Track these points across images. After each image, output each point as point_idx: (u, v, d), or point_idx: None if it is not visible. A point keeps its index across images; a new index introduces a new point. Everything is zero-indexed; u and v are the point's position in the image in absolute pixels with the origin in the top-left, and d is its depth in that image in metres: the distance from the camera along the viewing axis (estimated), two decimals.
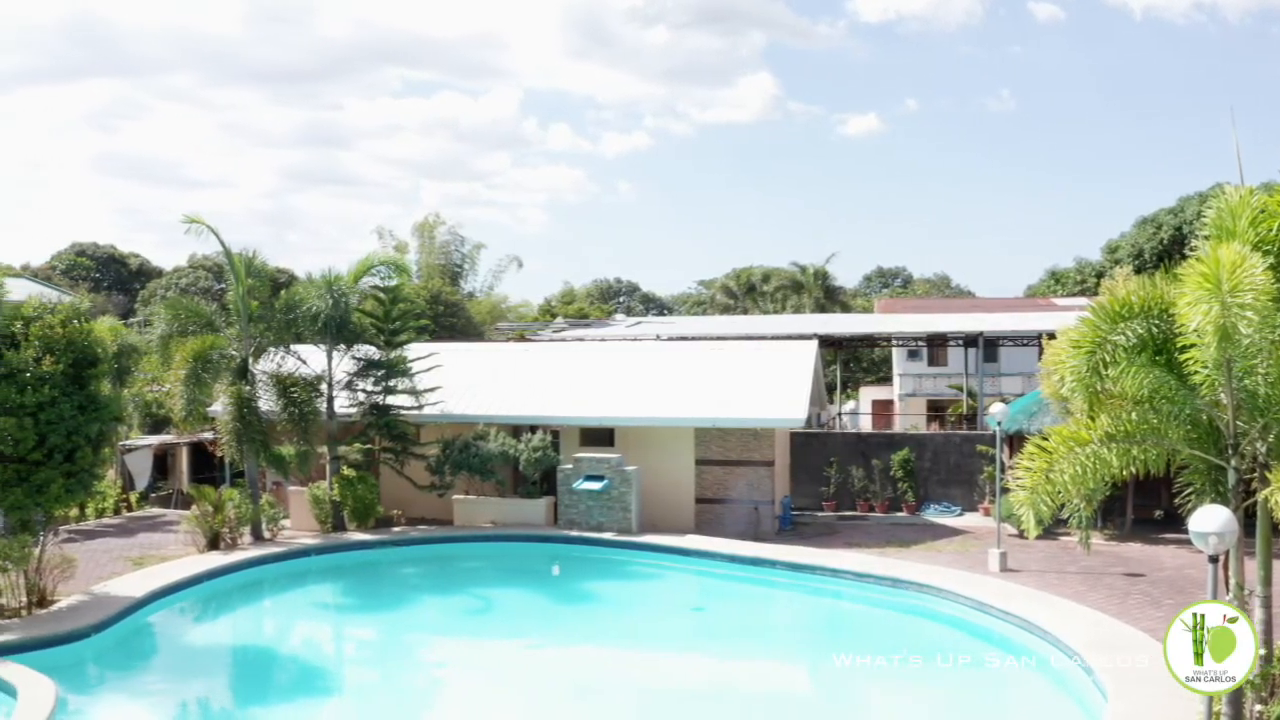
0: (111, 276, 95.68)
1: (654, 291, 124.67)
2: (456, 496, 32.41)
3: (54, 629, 21.01)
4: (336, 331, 31.22)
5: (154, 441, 39.80)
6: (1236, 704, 13.67)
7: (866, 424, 60.70)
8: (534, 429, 32.64)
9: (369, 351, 32.67)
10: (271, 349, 31.29)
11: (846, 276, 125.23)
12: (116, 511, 35.75)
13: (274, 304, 31.33)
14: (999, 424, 26.85)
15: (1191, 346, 13.31)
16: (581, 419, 32.64)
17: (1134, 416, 14.29)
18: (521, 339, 49.91)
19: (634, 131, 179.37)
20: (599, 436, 32.86)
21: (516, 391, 34.15)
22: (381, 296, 33.29)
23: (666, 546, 29.28)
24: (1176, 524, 26.24)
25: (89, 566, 26.21)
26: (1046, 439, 14.50)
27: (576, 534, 30.53)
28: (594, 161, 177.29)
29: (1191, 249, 14.44)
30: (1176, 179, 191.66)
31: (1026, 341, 46.75)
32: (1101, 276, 57.66)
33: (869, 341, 56.26)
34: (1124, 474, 14.31)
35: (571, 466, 31.18)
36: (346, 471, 31.63)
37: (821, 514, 34.68)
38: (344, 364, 32.65)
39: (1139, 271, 34.57)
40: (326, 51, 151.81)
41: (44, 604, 22.43)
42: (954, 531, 31.12)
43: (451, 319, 56.71)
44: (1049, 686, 18.86)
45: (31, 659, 18.88)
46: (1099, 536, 28.60)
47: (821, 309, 78.34)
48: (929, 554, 27.64)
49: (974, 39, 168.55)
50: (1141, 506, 30.43)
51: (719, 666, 21.60)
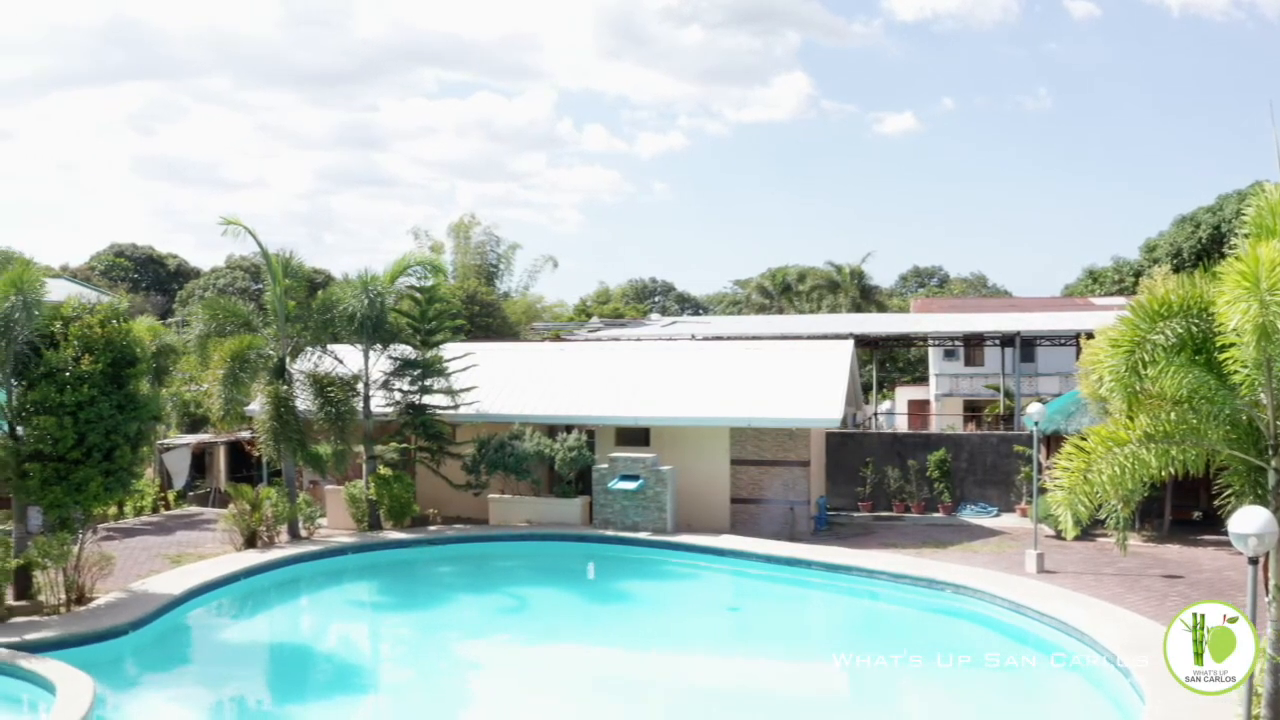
0: (150, 277, 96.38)
1: (689, 291, 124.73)
2: (492, 496, 32.49)
3: (92, 626, 21.16)
4: (373, 331, 31.34)
5: (192, 440, 40.09)
6: (1276, 706, 13.55)
7: (902, 424, 60.48)
8: (569, 428, 32.68)
9: (405, 351, 32.79)
10: (308, 349, 31.45)
11: (882, 276, 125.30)
12: (154, 510, 36.00)
13: (311, 304, 31.48)
14: (1036, 424, 26.71)
15: (1231, 346, 13.18)
16: (617, 418, 32.66)
17: (1173, 416, 14.17)
18: (557, 339, 49.98)
19: (669, 132, 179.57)
20: (634, 436, 32.87)
21: (552, 391, 34.21)
22: (417, 296, 33.41)
23: (701, 546, 29.24)
24: (1215, 525, 25.99)
25: (127, 564, 26.42)
26: (1085, 439, 14.40)
27: (611, 533, 30.54)
28: (629, 162, 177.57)
29: (1230, 247, 14.33)
30: (1215, 177, 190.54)
31: (1064, 341, 46.45)
32: (1139, 276, 57.29)
33: (905, 341, 56.08)
34: (1163, 475, 14.19)
35: (607, 466, 31.20)
36: (383, 470, 31.75)
37: (857, 514, 34.60)
38: (380, 364, 32.78)
39: (1177, 271, 34.38)
40: (362, 53, 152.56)
41: (82, 601, 22.60)
42: (990, 532, 30.97)
43: (487, 319, 56.84)
44: (1086, 688, 18.76)
45: (70, 656, 19.04)
46: (1137, 538, 28.42)
47: (857, 309, 78.18)
48: (965, 555, 27.52)
49: (1010, 37, 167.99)
50: (1180, 508, 30.25)
51: (754, 667, 21.56)
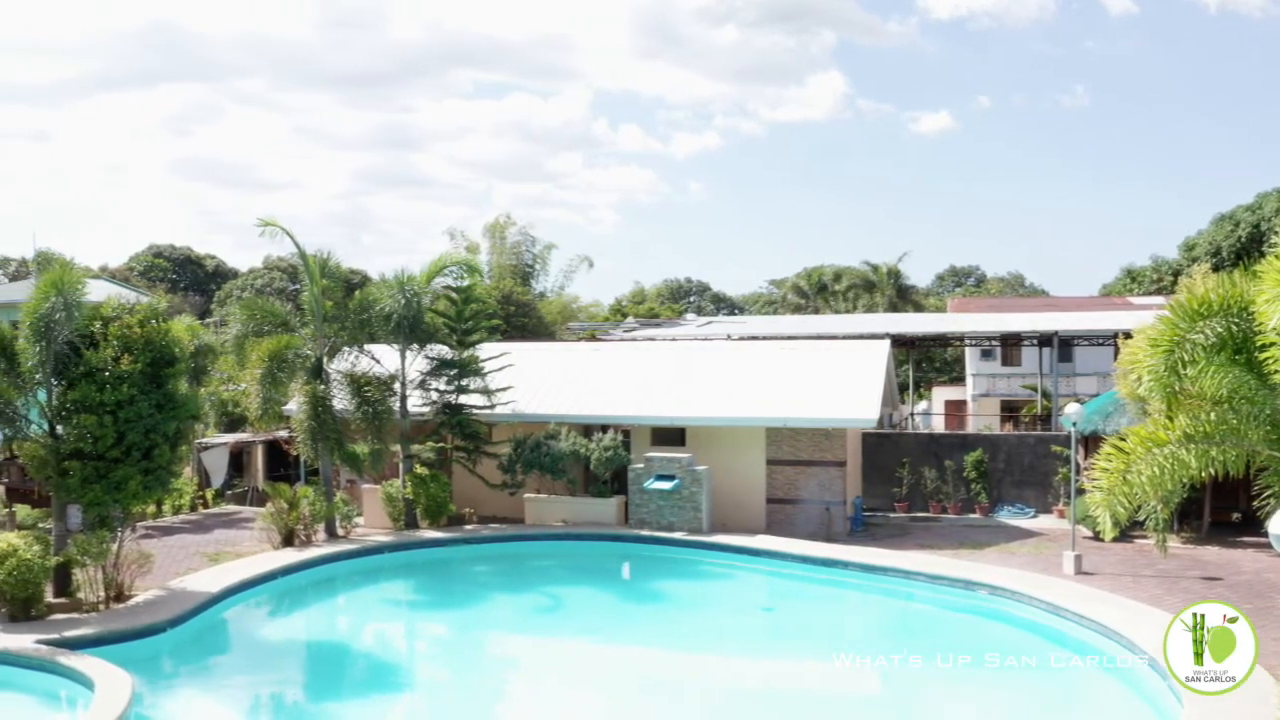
0: (188, 277, 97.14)
1: (725, 291, 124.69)
2: (528, 495, 32.55)
3: (131, 623, 21.32)
4: (409, 331, 31.45)
5: (230, 439, 40.31)
6: None
7: (939, 424, 60.21)
8: (605, 428, 32.69)
9: (442, 351, 32.89)
10: (345, 349, 31.56)
11: (919, 275, 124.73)
12: (193, 508, 36.23)
13: (348, 304, 31.59)
14: (1074, 425, 26.56)
15: (1271, 345, 13.07)
16: (652, 418, 32.66)
17: (1213, 417, 14.07)
18: (592, 339, 50.04)
19: (704, 131, 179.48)
20: (670, 436, 32.86)
21: (587, 391, 34.25)
22: (454, 297, 33.49)
23: (737, 546, 29.20)
24: (1255, 527, 25.88)
25: (165, 562, 26.59)
26: (1124, 439, 14.32)
27: (647, 533, 30.54)
28: (665, 162, 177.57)
29: (1270, 245, 14.23)
30: (1254, 175, 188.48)
31: (1102, 341, 46.17)
32: (1178, 275, 56.91)
33: (941, 341, 55.87)
34: (1202, 476, 14.10)
35: (642, 466, 31.20)
36: (419, 470, 31.86)
37: (894, 515, 34.48)
38: (417, 363, 32.89)
39: (1217, 270, 34.07)
40: (398, 55, 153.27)
41: (121, 599, 22.77)
42: (1028, 534, 30.80)
43: (523, 319, 56.92)
44: (1124, 691, 18.63)
45: (108, 652, 19.20)
46: (1175, 540, 28.18)
47: (894, 308, 77.93)
48: (1003, 556, 27.37)
49: (1047, 35, 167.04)
50: (1219, 509, 29.98)
51: (788, 667, 21.52)
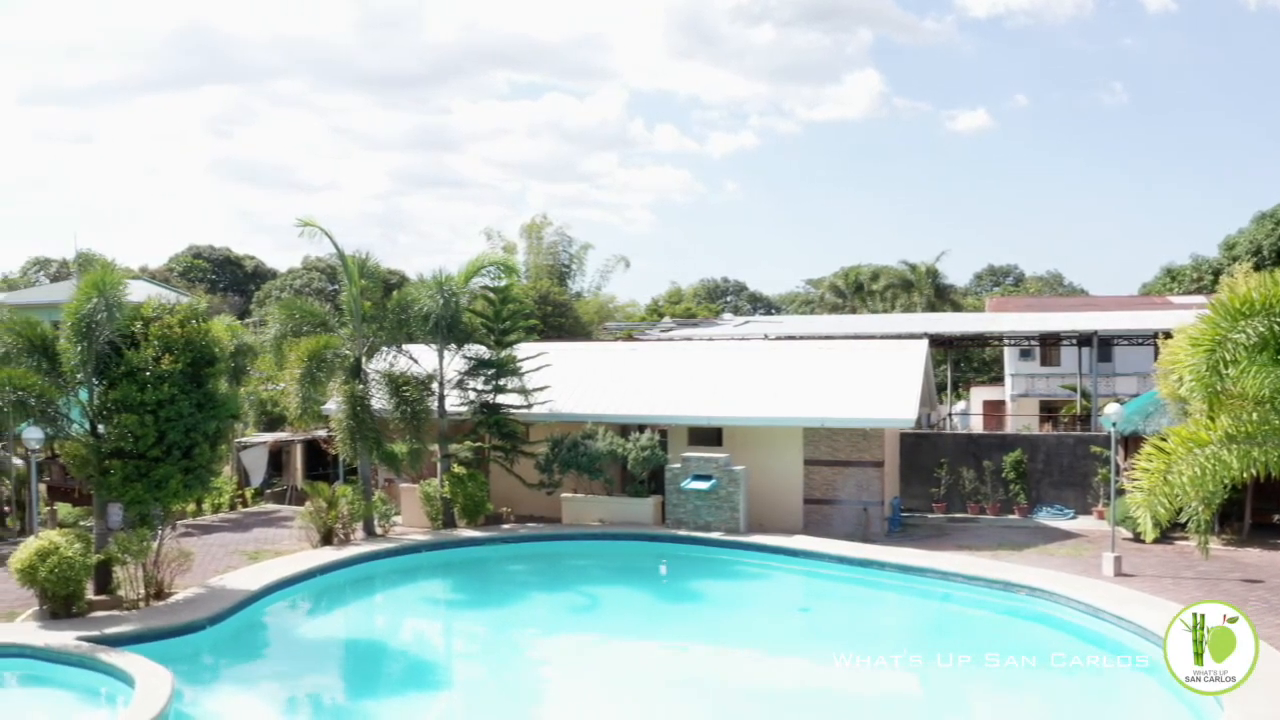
0: (227, 278, 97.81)
1: (761, 291, 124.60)
2: (565, 495, 32.61)
3: (171, 621, 21.47)
4: (447, 331, 31.54)
5: (269, 439, 40.57)
6: None
7: (977, 424, 59.95)
8: (642, 428, 32.69)
9: (479, 351, 32.98)
10: (384, 348, 31.71)
11: (957, 275, 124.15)
12: (232, 507, 36.49)
13: (386, 304, 31.73)
14: (1114, 425, 26.38)
15: None
16: (689, 418, 32.65)
17: (1255, 417, 13.95)
18: (629, 338, 50.10)
19: (740, 131, 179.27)
20: (707, 436, 32.83)
21: (624, 391, 34.28)
22: (491, 297, 33.56)
23: (774, 547, 29.15)
24: None
25: (205, 560, 26.80)
26: (1164, 440, 14.22)
27: (684, 533, 30.53)
28: (700, 161, 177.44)
29: None
30: None
31: (1142, 341, 45.91)
32: (1219, 274, 56.44)
33: (980, 341, 55.64)
34: (1244, 476, 13.97)
35: (679, 466, 31.19)
36: (457, 469, 31.96)
37: (931, 516, 34.36)
38: (455, 363, 32.98)
39: (1258, 268, 33.83)
40: (434, 56, 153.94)
41: (161, 596, 22.96)
42: (1067, 535, 30.62)
43: (559, 319, 57.04)
44: (1163, 693, 18.46)
45: (149, 650, 19.35)
46: (1216, 541, 27.93)
47: (932, 308, 77.68)
48: (1041, 557, 27.23)
49: (1084, 32, 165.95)
50: (1261, 510, 29.76)
51: (825, 668, 21.45)
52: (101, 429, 22.49)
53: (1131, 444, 29.08)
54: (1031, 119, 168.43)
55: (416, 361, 32.37)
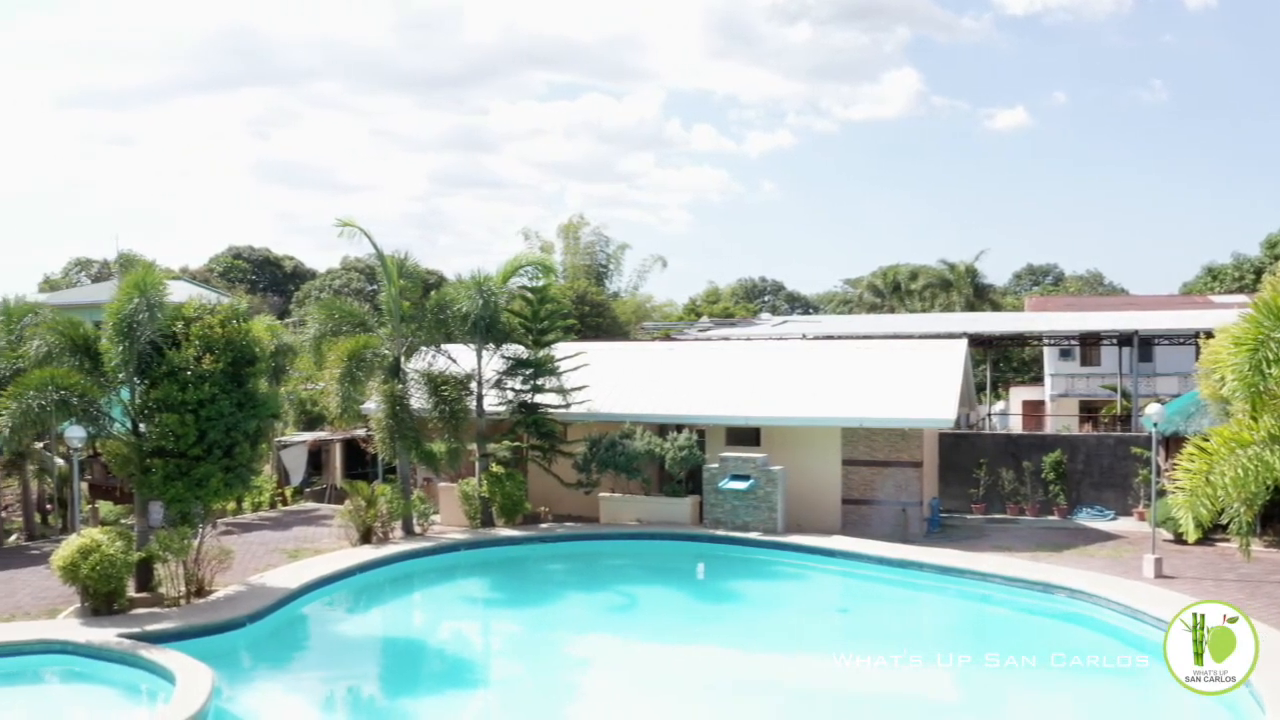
0: (267, 278, 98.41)
1: (799, 290, 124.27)
2: (602, 494, 32.63)
3: (211, 618, 21.63)
4: (486, 331, 31.62)
5: (309, 438, 40.78)
6: None
7: (1017, 425, 59.68)
8: (679, 428, 32.66)
9: (517, 351, 33.04)
10: (423, 348, 31.84)
11: (996, 274, 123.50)
12: (272, 505, 36.72)
13: (425, 304, 31.83)
14: (1155, 425, 26.16)
15: None
16: (727, 418, 32.59)
17: None
18: (667, 338, 50.08)
19: (777, 130, 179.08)
20: (745, 436, 32.77)
21: (662, 390, 34.27)
22: (529, 297, 33.61)
23: (812, 547, 29.06)
24: None
25: (245, 558, 26.96)
26: (1206, 440, 14.10)
27: (721, 533, 30.48)
28: (738, 161, 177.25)
29: None
30: None
31: (1183, 340, 45.54)
32: (1261, 273, 55.98)
33: (1019, 340, 55.32)
34: None
35: (717, 465, 31.15)
36: (495, 468, 32.04)
37: (970, 516, 34.17)
38: (493, 363, 33.07)
39: None
40: (472, 57, 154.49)
41: (202, 594, 23.13)
42: (1107, 536, 30.39)
43: (597, 319, 57.09)
44: (1203, 697, 18.30)
45: (189, 646, 19.53)
46: (1258, 543, 27.66)
47: (971, 307, 77.33)
48: (1081, 559, 27.03)
49: (1123, 29, 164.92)
50: None
51: (863, 669, 21.35)
52: (143, 428, 22.65)
53: (1173, 445, 28.86)
54: (1070, 117, 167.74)
55: (455, 361, 32.48)
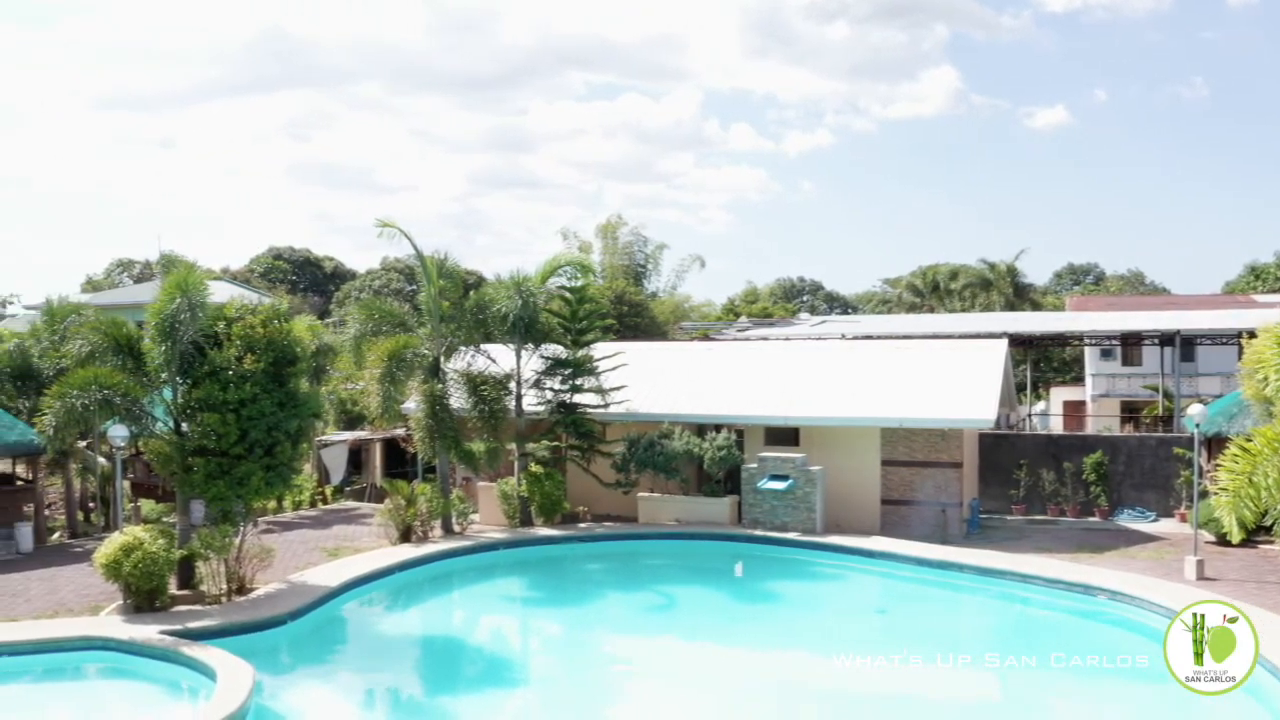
0: (307, 279, 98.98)
1: (838, 290, 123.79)
2: (641, 494, 32.64)
3: (252, 615, 21.81)
4: (525, 331, 31.69)
5: (349, 437, 41.01)
6: None
7: (1057, 425, 59.25)
8: (718, 428, 32.64)
9: (556, 351, 33.11)
10: (462, 348, 31.95)
11: (1036, 273, 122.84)
12: (312, 504, 36.95)
13: (464, 304, 31.94)
14: (1197, 426, 25.92)
15: None
16: (766, 418, 32.53)
17: None
18: (705, 338, 50.05)
19: (816, 129, 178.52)
20: (783, 436, 32.71)
21: (701, 390, 34.25)
22: (568, 297, 33.66)
23: (851, 548, 28.99)
24: None
25: (286, 556, 27.16)
26: (1249, 441, 13.99)
27: (760, 533, 30.45)
28: (776, 160, 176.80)
29: None
30: None
31: (1225, 340, 45.15)
32: None
33: (1060, 340, 54.99)
34: None
35: (756, 466, 31.12)
36: (534, 468, 32.10)
37: (1010, 517, 33.98)
38: (532, 363, 33.14)
39: None
40: (510, 58, 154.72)
41: (243, 591, 23.32)
42: (1148, 538, 30.16)
43: (635, 319, 57.15)
44: (1246, 701, 18.15)
45: (230, 644, 19.72)
46: None
47: (1011, 307, 76.89)
48: (1122, 560, 26.85)
49: (1164, 25, 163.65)
50: None
51: (902, 671, 21.28)
52: (185, 427, 22.87)
53: (1215, 445, 28.63)
54: (1111, 115, 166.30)
55: (494, 361, 32.57)
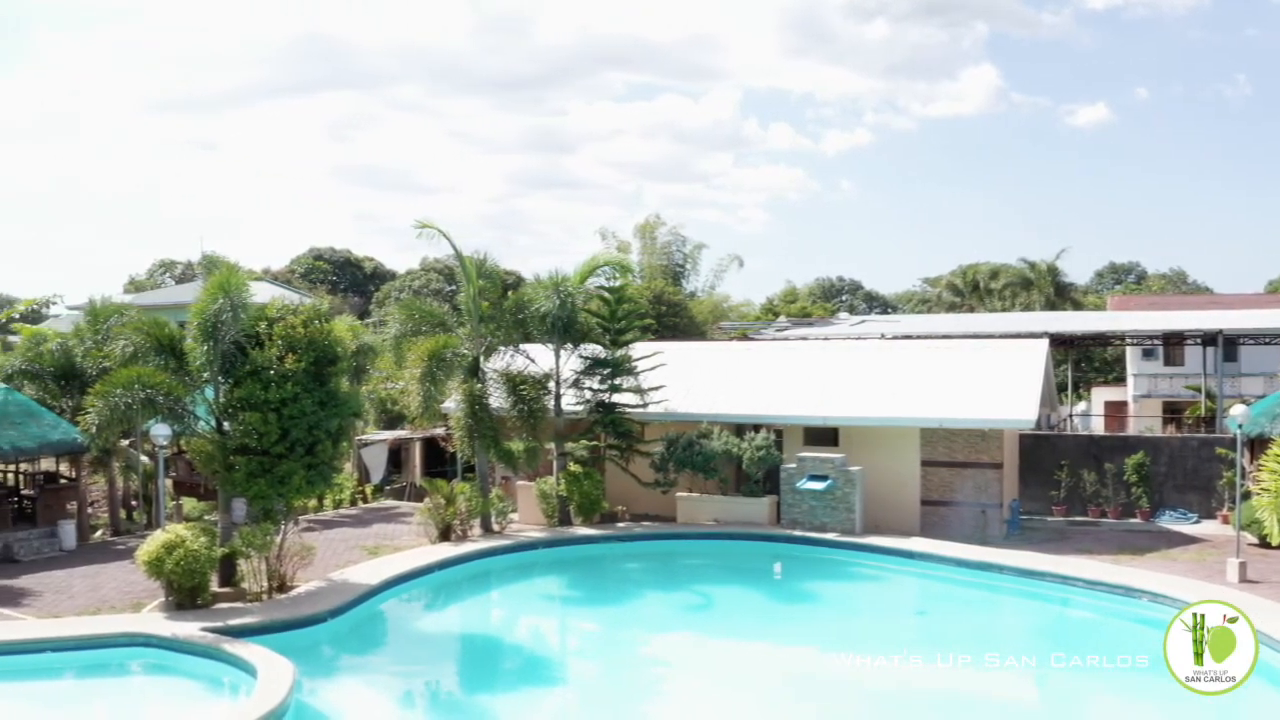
0: (347, 279, 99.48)
1: (877, 290, 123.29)
2: (679, 494, 32.63)
3: (293, 613, 21.97)
4: (564, 331, 31.73)
5: (389, 436, 41.19)
6: None
7: (1099, 426, 58.86)
8: (757, 428, 32.59)
9: (595, 350, 33.14)
10: (501, 348, 32.03)
11: (1077, 273, 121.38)
12: (353, 503, 37.12)
13: (503, 305, 32.01)
14: (1240, 426, 25.70)
15: None
16: (805, 418, 32.46)
17: None
18: (744, 338, 49.97)
19: (855, 128, 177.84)
20: (822, 436, 32.64)
21: (739, 390, 34.20)
22: (607, 296, 33.66)
23: (890, 548, 28.89)
24: None
25: (326, 555, 27.29)
26: None
27: (799, 533, 30.38)
28: (815, 160, 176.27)
29: None
30: None
31: (1269, 340, 44.76)
32: None
33: (1101, 340, 54.69)
34: None
35: (795, 466, 31.05)
36: (573, 467, 32.17)
37: (1051, 519, 33.73)
38: (571, 362, 33.17)
39: None
40: (549, 59, 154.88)
41: (284, 589, 23.48)
42: (1190, 539, 29.91)
43: (674, 318, 57.12)
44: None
45: (271, 641, 19.84)
46: None
47: (1052, 306, 76.43)
48: (1164, 562, 26.63)
49: (1206, 23, 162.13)
50: None
51: (941, 672, 21.20)
52: (227, 426, 23.04)
53: (1258, 446, 28.33)
54: (1153, 112, 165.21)
55: (533, 361, 32.64)
